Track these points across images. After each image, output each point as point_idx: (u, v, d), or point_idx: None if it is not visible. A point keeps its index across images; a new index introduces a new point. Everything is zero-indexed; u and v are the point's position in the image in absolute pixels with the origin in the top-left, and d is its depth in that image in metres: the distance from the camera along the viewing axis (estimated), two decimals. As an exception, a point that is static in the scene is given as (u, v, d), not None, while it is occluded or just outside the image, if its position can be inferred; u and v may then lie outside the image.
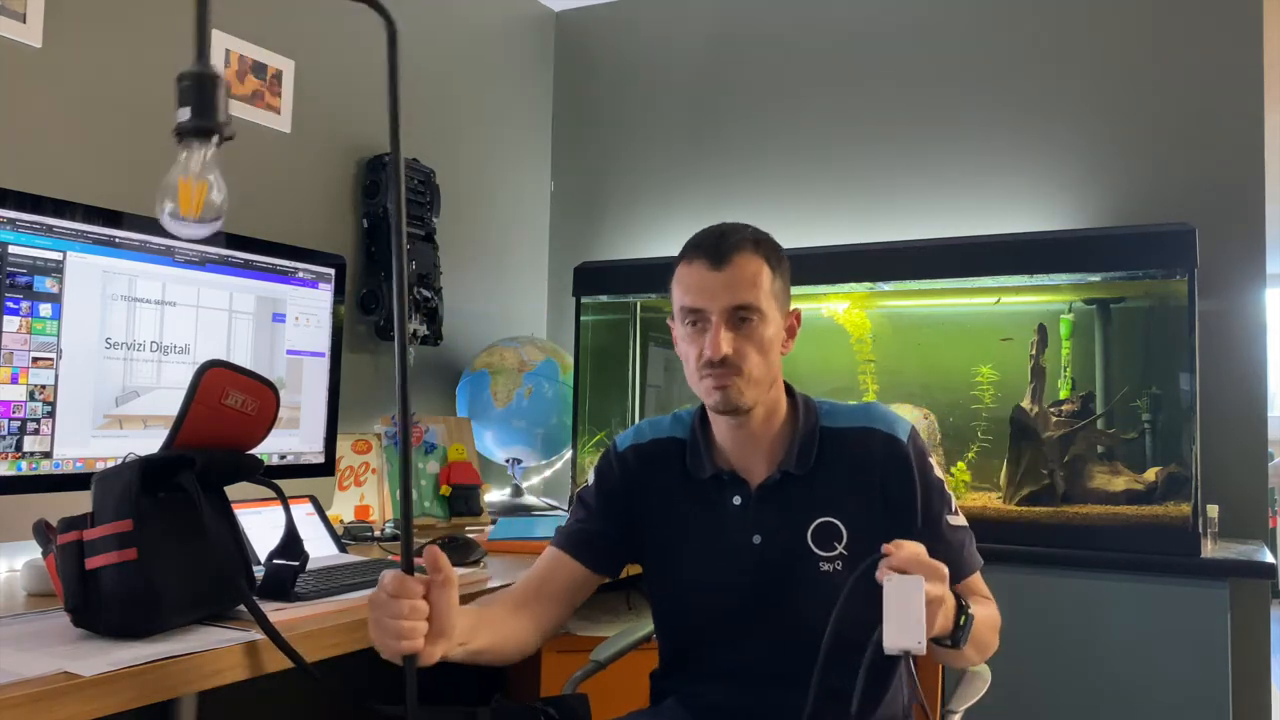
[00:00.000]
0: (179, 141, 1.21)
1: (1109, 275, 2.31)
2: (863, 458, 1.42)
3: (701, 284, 1.37)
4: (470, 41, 2.97)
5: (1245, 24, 2.45)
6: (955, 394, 2.53)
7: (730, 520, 1.44)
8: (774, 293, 1.39)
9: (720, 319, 1.35)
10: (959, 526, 1.43)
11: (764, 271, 1.38)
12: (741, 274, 1.36)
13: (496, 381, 2.69)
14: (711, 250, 1.37)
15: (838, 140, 2.91)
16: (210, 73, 1.21)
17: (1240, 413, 2.38)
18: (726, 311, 1.35)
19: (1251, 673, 2.29)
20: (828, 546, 1.40)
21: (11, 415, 1.50)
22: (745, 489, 1.44)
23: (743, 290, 1.35)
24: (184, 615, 1.25)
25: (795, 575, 1.40)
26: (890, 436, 1.42)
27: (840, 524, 1.40)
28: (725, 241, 1.37)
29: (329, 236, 2.44)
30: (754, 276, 1.36)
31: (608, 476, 1.51)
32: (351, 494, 2.35)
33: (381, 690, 1.23)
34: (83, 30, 1.91)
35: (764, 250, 1.40)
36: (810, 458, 1.42)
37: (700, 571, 1.45)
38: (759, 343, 1.37)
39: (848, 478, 1.42)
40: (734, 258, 1.36)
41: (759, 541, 1.42)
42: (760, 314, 1.36)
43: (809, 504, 1.42)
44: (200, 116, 1.19)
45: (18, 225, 1.50)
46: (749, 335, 1.36)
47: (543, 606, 1.43)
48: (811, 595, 1.39)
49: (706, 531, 1.45)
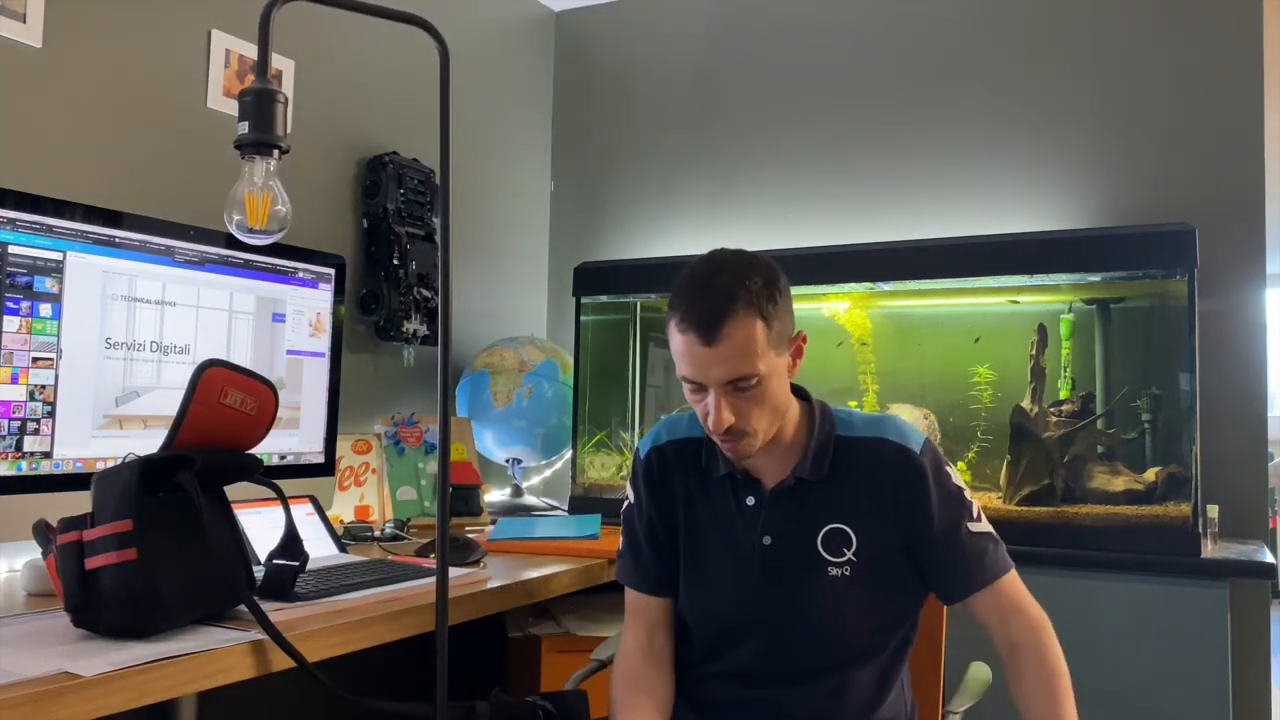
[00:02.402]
0: (241, 155, 1.29)
1: (1109, 275, 2.31)
2: (876, 467, 1.42)
3: (695, 358, 1.33)
4: (470, 41, 2.97)
5: (1245, 24, 2.45)
6: (955, 394, 2.53)
7: (742, 520, 1.45)
8: (772, 343, 1.33)
9: (719, 391, 1.34)
10: (981, 533, 1.41)
11: (757, 331, 1.31)
12: (735, 347, 1.30)
13: (496, 381, 2.69)
14: (701, 325, 1.31)
15: (838, 140, 2.91)
16: (270, 89, 1.27)
17: (1240, 413, 2.38)
18: (723, 385, 1.33)
19: (1251, 673, 2.29)
20: (837, 553, 1.41)
21: (11, 415, 1.50)
22: (759, 490, 1.45)
23: (738, 363, 1.31)
24: (184, 615, 1.25)
25: (803, 579, 1.42)
26: (903, 448, 1.42)
27: (850, 531, 1.42)
28: (714, 312, 1.30)
29: (329, 236, 2.44)
30: (747, 344, 1.31)
31: (640, 486, 1.53)
32: (351, 494, 2.35)
33: (381, 689, 1.23)
34: (83, 30, 1.91)
35: (755, 303, 1.32)
36: (824, 465, 1.43)
37: (713, 569, 1.47)
38: (762, 401, 1.35)
39: (861, 486, 1.42)
40: (725, 330, 1.30)
41: (769, 543, 1.43)
42: (759, 378, 1.33)
43: (821, 510, 1.43)
44: (260, 131, 1.27)
45: (18, 225, 1.50)
46: (752, 398, 1.34)
47: (663, 649, 1.50)
48: (818, 600, 1.41)
49: (719, 530, 1.47)
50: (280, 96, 1.28)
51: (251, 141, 1.26)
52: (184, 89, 2.09)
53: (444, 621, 1.27)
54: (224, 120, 2.15)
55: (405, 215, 2.55)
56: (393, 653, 1.71)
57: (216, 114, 2.14)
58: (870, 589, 1.41)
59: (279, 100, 1.27)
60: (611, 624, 2.13)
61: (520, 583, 1.72)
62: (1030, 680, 1.35)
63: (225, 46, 2.16)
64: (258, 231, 1.30)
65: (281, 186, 1.31)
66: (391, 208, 2.51)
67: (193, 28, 2.12)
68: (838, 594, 1.41)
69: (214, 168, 2.11)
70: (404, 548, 2.01)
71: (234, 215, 1.29)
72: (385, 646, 1.43)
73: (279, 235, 1.33)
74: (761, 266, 1.37)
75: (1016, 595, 1.41)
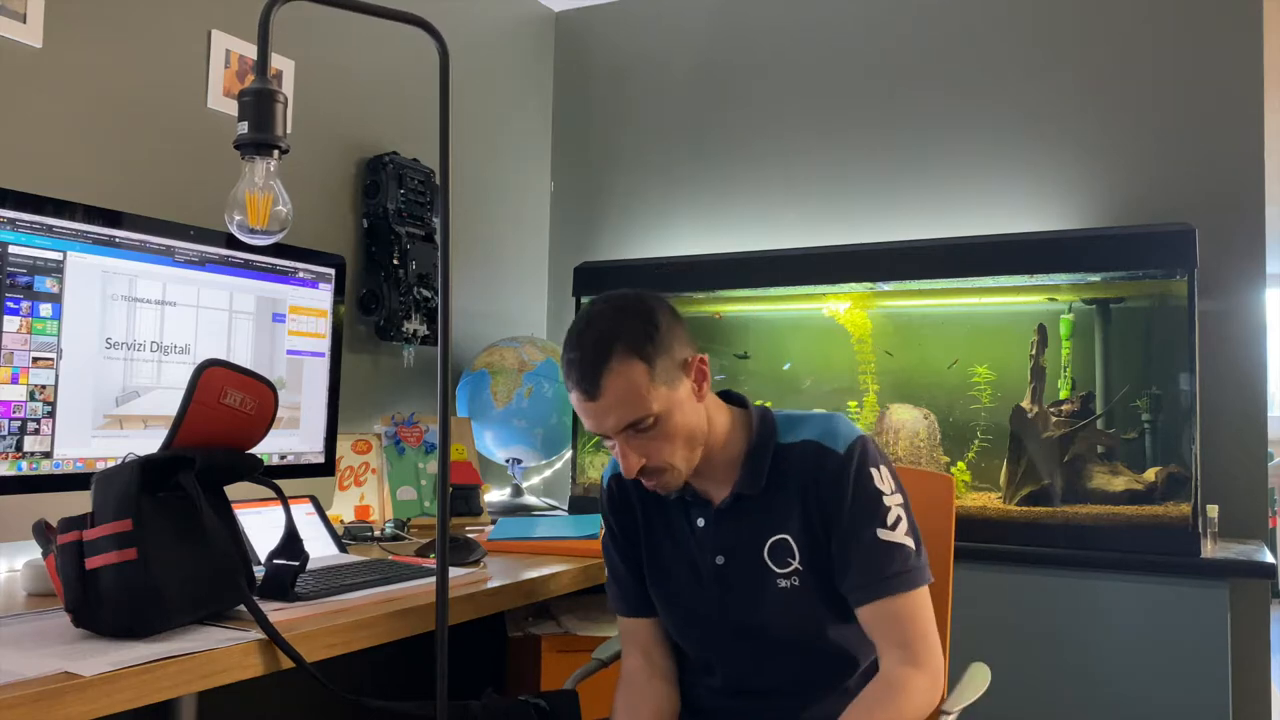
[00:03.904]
0: (241, 156, 1.29)
1: (1109, 275, 2.31)
2: (804, 473, 1.39)
3: (586, 413, 1.34)
4: (470, 42, 2.97)
5: (1245, 24, 2.45)
6: (955, 394, 2.53)
7: (696, 541, 1.45)
8: (661, 380, 1.32)
9: (619, 438, 1.34)
10: (892, 543, 1.34)
11: (639, 377, 1.30)
12: (618, 395, 1.30)
13: (496, 381, 2.69)
14: (581, 380, 1.31)
15: (838, 140, 2.91)
16: (270, 89, 1.27)
17: (1240, 413, 2.38)
18: (621, 432, 1.33)
19: (1251, 673, 2.29)
20: (783, 563, 1.40)
21: (12, 415, 1.50)
22: (708, 509, 1.45)
23: (627, 411, 1.31)
24: (184, 615, 1.24)
25: (757, 592, 1.41)
26: (828, 450, 1.38)
27: (791, 540, 1.40)
28: (591, 364, 1.30)
29: (329, 236, 2.44)
30: (630, 390, 1.30)
31: (608, 514, 1.54)
32: (351, 494, 2.35)
33: (380, 689, 1.23)
34: (83, 30, 1.91)
35: (633, 346, 1.31)
36: (761, 477, 1.41)
37: (678, 589, 1.47)
38: (669, 436, 1.34)
39: (795, 494, 1.40)
40: (604, 383, 1.30)
41: (722, 562, 1.43)
42: (656, 416, 1.32)
43: (763, 522, 1.41)
44: (260, 131, 1.27)
45: (18, 225, 1.50)
46: (656, 436, 1.33)
47: (664, 665, 1.51)
48: (773, 611, 1.41)
49: (678, 552, 1.47)
50: (280, 97, 1.28)
51: (252, 142, 1.27)
52: (184, 89, 2.09)
53: (444, 621, 1.27)
54: (224, 120, 2.15)
55: (405, 215, 2.55)
56: (392, 652, 1.71)
57: (216, 114, 2.14)
58: (822, 597, 1.39)
59: (279, 100, 1.27)
60: (611, 624, 2.13)
61: (520, 583, 1.72)
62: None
63: (225, 46, 2.16)
64: (258, 232, 1.31)
65: (282, 187, 1.32)
66: (391, 208, 2.51)
67: (193, 28, 2.12)
68: (789, 604, 1.39)
69: (214, 168, 2.11)
70: (404, 548, 2.01)
71: (235, 215, 1.30)
72: (384, 646, 1.43)
73: (280, 235, 1.33)
74: (635, 307, 1.35)
75: (908, 622, 1.33)
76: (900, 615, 1.33)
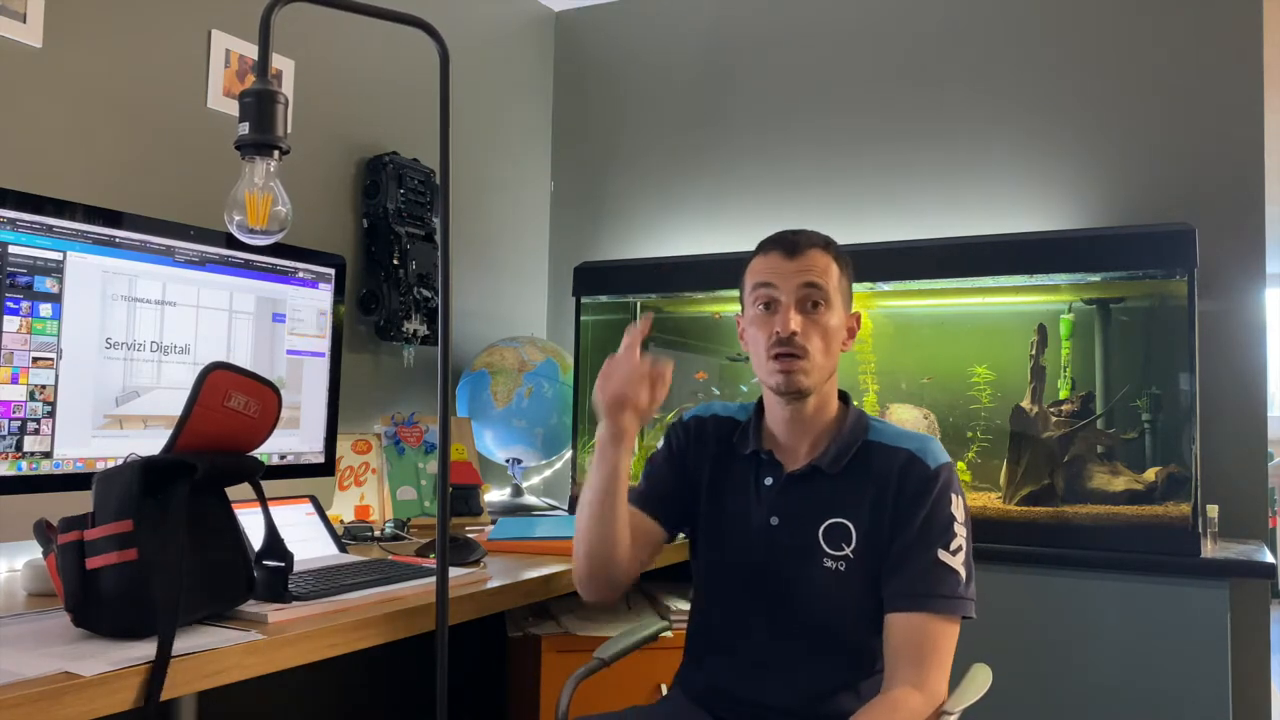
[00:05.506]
0: (241, 156, 1.29)
1: (1109, 275, 2.31)
2: (889, 473, 1.45)
3: (775, 268, 1.48)
4: (470, 42, 2.97)
5: (1245, 24, 2.45)
6: (955, 394, 2.53)
7: (758, 499, 1.50)
8: (840, 289, 1.50)
9: (790, 300, 1.45)
10: (949, 566, 1.38)
11: (833, 267, 1.49)
12: (813, 263, 1.47)
13: (496, 381, 2.69)
14: (786, 243, 1.49)
15: (837, 140, 2.91)
16: (270, 90, 1.27)
17: (1240, 413, 2.38)
18: (798, 292, 1.45)
19: (1251, 673, 2.29)
20: (836, 546, 1.44)
21: (11, 415, 1.50)
22: (779, 472, 1.50)
23: (815, 275, 1.46)
24: (184, 615, 1.24)
25: (799, 564, 1.45)
26: (920, 461, 1.44)
27: (851, 527, 1.44)
28: (799, 237, 1.50)
29: (329, 236, 2.44)
30: (824, 268, 1.48)
31: (675, 438, 1.61)
32: (351, 494, 2.35)
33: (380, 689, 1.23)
34: (83, 30, 1.91)
35: (833, 251, 1.52)
36: (843, 461, 1.47)
37: (724, 541, 1.52)
38: (824, 330, 1.46)
39: (871, 487, 1.45)
40: (807, 250, 1.48)
41: (776, 524, 1.47)
42: (828, 301, 1.46)
43: (829, 502, 1.46)
44: (260, 131, 1.28)
45: (18, 225, 1.50)
46: (816, 320, 1.46)
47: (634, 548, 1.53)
48: (810, 587, 1.44)
49: (736, 505, 1.52)
50: (280, 97, 1.28)
51: (252, 142, 1.27)
52: (184, 89, 2.09)
53: (444, 621, 1.27)
54: (224, 120, 2.15)
55: (405, 215, 2.55)
56: (391, 652, 1.71)
57: (216, 114, 2.14)
58: (861, 590, 1.42)
59: (279, 101, 1.28)
60: (611, 624, 2.13)
61: (520, 583, 1.72)
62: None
63: (225, 46, 2.16)
64: (258, 232, 1.31)
65: (282, 187, 1.32)
66: (391, 208, 2.51)
67: (193, 28, 2.12)
68: (828, 587, 1.43)
69: (214, 168, 2.11)
70: (404, 548, 2.01)
71: (234, 216, 1.30)
72: (384, 646, 1.43)
73: (279, 235, 1.33)
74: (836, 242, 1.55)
75: (931, 647, 1.34)
76: (928, 636, 1.35)
